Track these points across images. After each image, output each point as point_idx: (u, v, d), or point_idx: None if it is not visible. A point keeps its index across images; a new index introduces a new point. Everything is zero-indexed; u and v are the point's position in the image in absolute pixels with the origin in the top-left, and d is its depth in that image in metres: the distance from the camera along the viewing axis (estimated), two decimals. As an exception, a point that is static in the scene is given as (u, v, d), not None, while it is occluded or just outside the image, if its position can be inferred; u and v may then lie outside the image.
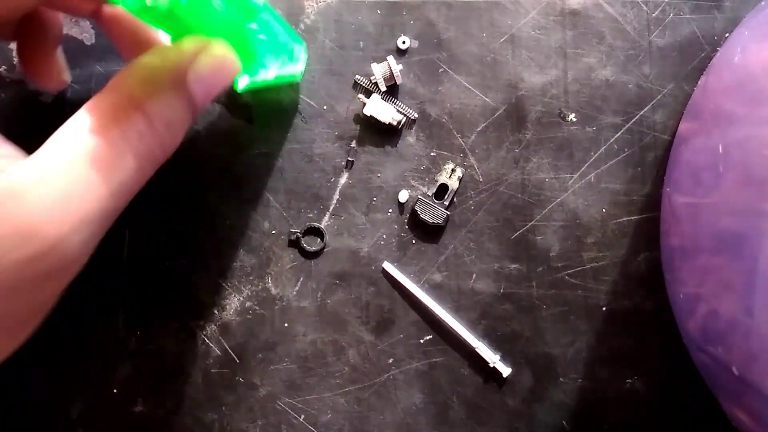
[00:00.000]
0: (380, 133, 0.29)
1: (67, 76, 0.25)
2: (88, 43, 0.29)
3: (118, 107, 0.20)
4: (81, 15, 0.26)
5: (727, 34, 0.29)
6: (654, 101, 0.29)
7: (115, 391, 0.29)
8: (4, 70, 0.29)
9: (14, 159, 0.19)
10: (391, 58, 0.28)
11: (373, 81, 0.29)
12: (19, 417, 0.28)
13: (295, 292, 0.29)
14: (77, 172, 0.18)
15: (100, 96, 0.20)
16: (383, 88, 0.29)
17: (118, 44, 0.25)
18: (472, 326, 0.29)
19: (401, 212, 0.29)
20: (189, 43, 0.21)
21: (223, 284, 0.29)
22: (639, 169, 0.29)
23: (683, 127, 0.28)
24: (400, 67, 0.29)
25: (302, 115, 0.29)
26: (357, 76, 0.29)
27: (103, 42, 0.29)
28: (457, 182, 0.29)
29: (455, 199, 0.29)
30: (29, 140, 0.22)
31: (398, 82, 0.29)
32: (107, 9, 0.24)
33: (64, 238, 0.18)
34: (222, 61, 0.22)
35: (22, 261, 0.17)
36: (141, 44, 0.24)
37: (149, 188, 0.28)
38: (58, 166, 0.18)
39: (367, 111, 0.28)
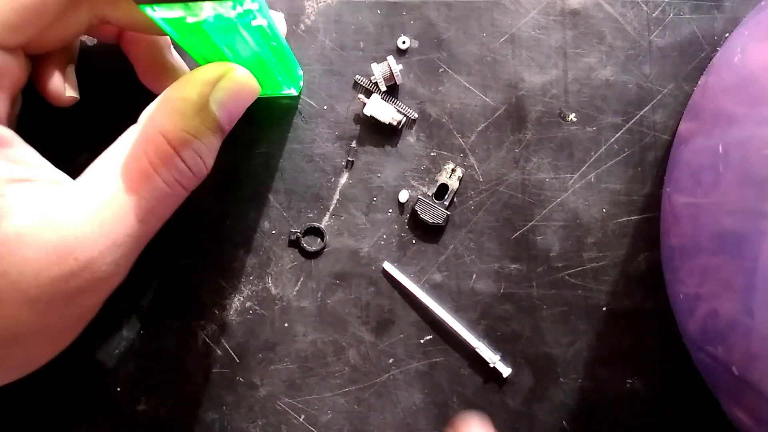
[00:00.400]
0: (380, 133, 0.29)
1: (76, 94, 0.26)
2: (90, 44, 0.29)
3: (149, 140, 0.22)
4: (106, 39, 0.27)
5: (727, 34, 0.29)
6: (654, 101, 0.29)
7: (118, 389, 0.29)
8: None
9: (59, 185, 0.21)
10: (391, 58, 0.28)
11: (373, 81, 0.29)
12: (22, 416, 0.29)
13: (295, 292, 0.29)
14: (109, 202, 0.21)
15: (133, 130, 0.22)
16: (383, 88, 0.29)
17: (136, 65, 0.26)
18: (472, 326, 0.29)
19: (401, 212, 0.29)
20: (209, 71, 0.22)
21: (224, 284, 0.29)
22: (639, 169, 0.29)
23: (683, 127, 0.28)
24: (400, 67, 0.29)
25: (302, 115, 0.29)
26: (357, 76, 0.29)
27: (105, 43, 0.29)
28: (457, 182, 0.29)
29: (455, 199, 0.29)
30: (32, 141, 0.23)
31: (398, 82, 0.29)
32: (128, 33, 0.26)
33: (96, 259, 0.20)
34: (242, 86, 0.23)
35: (58, 278, 0.20)
36: (156, 66, 0.26)
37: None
38: (92, 197, 0.21)
39: (367, 111, 0.28)
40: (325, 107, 0.29)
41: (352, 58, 0.29)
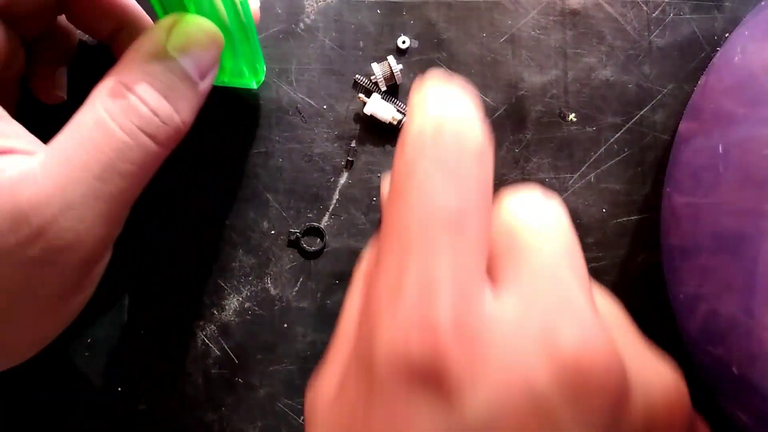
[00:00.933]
0: (380, 133, 0.29)
1: (63, 94, 0.26)
2: (91, 44, 0.29)
3: (104, 89, 0.20)
4: (99, 36, 0.26)
5: (727, 34, 0.29)
6: (654, 101, 0.29)
7: (119, 389, 0.29)
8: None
9: (31, 154, 0.20)
10: (391, 58, 0.28)
11: (373, 80, 0.29)
12: (23, 416, 0.28)
13: (294, 293, 0.29)
14: (64, 159, 0.19)
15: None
16: (383, 88, 0.29)
17: None
18: (472, 326, 0.29)
19: (401, 212, 0.29)
20: (164, 20, 0.21)
21: (222, 284, 0.29)
22: (639, 169, 0.29)
23: (683, 127, 0.28)
24: (400, 66, 0.29)
25: (302, 115, 0.29)
26: (357, 76, 0.29)
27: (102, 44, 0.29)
28: (457, 182, 0.29)
29: (455, 199, 0.29)
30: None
31: (398, 82, 0.29)
32: (120, 39, 0.25)
33: (50, 223, 0.19)
34: (199, 29, 0.22)
35: (14, 245, 0.18)
36: None
37: (147, 188, 0.28)
38: (50, 157, 0.19)
39: (368, 110, 0.28)
40: (324, 107, 0.29)
41: (351, 57, 0.29)
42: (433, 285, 0.16)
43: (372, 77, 0.29)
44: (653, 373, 0.19)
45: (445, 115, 0.18)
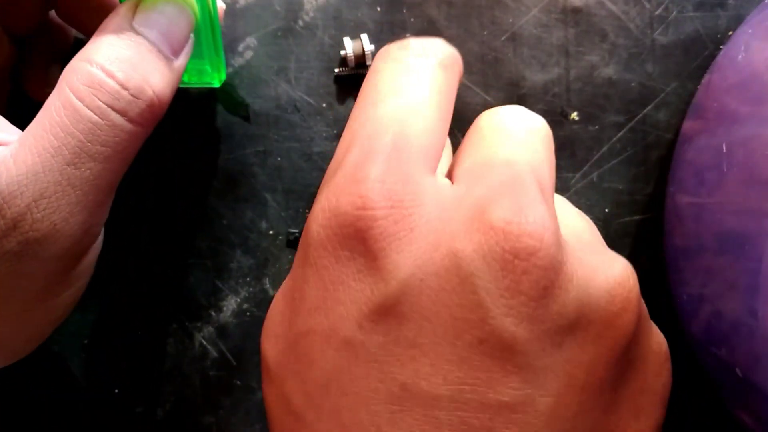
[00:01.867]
0: (380, 132, 0.29)
1: None
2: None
3: (71, 70, 0.19)
4: (90, 33, 0.26)
5: (730, 32, 0.29)
6: (657, 100, 0.29)
7: (116, 391, 0.28)
8: None
9: (7, 145, 0.19)
10: (364, 36, 0.28)
11: (342, 56, 0.28)
12: (21, 417, 0.28)
13: (293, 293, 0.29)
14: (35, 146, 0.18)
15: None
16: (352, 65, 0.28)
17: None
18: (472, 327, 0.29)
19: (401, 212, 0.29)
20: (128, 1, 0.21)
21: (220, 285, 0.29)
22: (642, 168, 0.29)
23: (687, 125, 0.28)
24: (373, 47, 0.28)
25: (300, 113, 0.29)
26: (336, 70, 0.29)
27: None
28: (458, 182, 0.29)
29: (456, 199, 0.29)
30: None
31: (368, 63, 0.28)
32: None
33: (24, 215, 0.18)
34: (166, 3, 0.21)
35: None
36: None
37: (145, 188, 0.28)
38: (22, 146, 0.18)
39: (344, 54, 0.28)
40: (324, 105, 0.29)
41: (351, 55, 0.29)
42: (370, 155, 0.17)
43: (342, 52, 0.28)
44: (599, 262, 0.19)
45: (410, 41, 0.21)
